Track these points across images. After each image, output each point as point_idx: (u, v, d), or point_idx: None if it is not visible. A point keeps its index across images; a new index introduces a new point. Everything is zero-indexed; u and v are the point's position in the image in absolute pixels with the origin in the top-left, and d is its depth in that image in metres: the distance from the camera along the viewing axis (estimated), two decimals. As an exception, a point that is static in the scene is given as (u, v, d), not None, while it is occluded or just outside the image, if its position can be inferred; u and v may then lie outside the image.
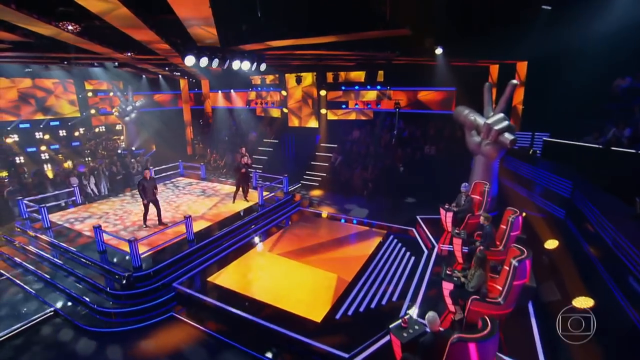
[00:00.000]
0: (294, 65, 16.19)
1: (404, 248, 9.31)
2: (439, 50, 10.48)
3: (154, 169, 14.33)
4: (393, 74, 16.02)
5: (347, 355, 5.64)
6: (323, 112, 17.91)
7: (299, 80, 17.76)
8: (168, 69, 15.91)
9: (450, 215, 8.98)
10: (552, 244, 7.53)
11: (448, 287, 6.07)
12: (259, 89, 20.08)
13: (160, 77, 20.01)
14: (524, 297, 5.85)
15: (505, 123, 8.61)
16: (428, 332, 4.52)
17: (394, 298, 7.23)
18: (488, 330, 4.06)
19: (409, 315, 5.20)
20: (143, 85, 20.04)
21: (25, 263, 9.02)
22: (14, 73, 16.03)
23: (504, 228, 7.24)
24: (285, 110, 19.20)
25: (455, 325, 5.85)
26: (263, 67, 10.68)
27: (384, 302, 7.12)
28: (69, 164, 16.80)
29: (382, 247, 9.47)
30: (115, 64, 14.35)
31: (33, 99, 17.48)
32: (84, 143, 18.93)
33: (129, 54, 9.80)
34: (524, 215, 7.52)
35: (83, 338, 6.74)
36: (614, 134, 8.45)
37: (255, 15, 7.84)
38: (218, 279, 8.11)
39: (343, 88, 17.54)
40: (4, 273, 8.88)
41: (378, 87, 16.79)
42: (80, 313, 7.38)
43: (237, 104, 20.97)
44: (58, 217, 10.81)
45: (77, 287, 7.98)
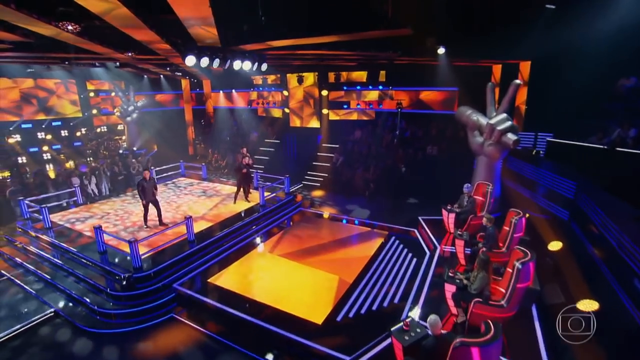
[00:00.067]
0: (296, 65, 16.14)
1: (406, 249, 9.25)
2: (441, 50, 10.39)
3: (155, 169, 14.31)
4: (395, 74, 15.95)
5: (348, 358, 5.58)
6: (325, 112, 17.86)
7: (301, 80, 17.70)
8: (169, 69, 15.90)
9: (453, 216, 8.92)
10: (555, 246, 7.47)
11: (450, 289, 6.00)
12: (261, 89, 20.05)
13: (162, 77, 20.01)
14: (528, 300, 5.78)
15: (508, 123, 8.54)
16: (430, 335, 4.47)
17: (396, 300, 7.17)
18: (491, 335, 4.00)
19: (411, 318, 5.15)
20: (144, 85, 20.07)
21: (26, 263, 9.02)
22: (16, 73, 16.08)
23: (507, 229, 7.19)
24: (287, 111, 19.16)
25: (458, 328, 5.80)
26: (264, 67, 10.64)
27: (386, 303, 7.06)
28: (71, 164, 16.83)
29: (383, 248, 9.41)
30: (117, 64, 14.36)
31: (35, 99, 17.52)
32: (86, 143, 18.95)
33: (130, 54, 9.79)
34: (527, 217, 7.44)
35: (83, 339, 6.73)
36: (619, 135, 8.36)
37: (256, 15, 7.80)
38: (219, 280, 8.07)
39: (345, 88, 17.47)
40: (5, 273, 8.88)
41: (380, 87, 16.72)
42: (81, 314, 7.37)
43: (238, 104, 20.95)
44: (59, 217, 10.80)
45: (77, 287, 7.96)
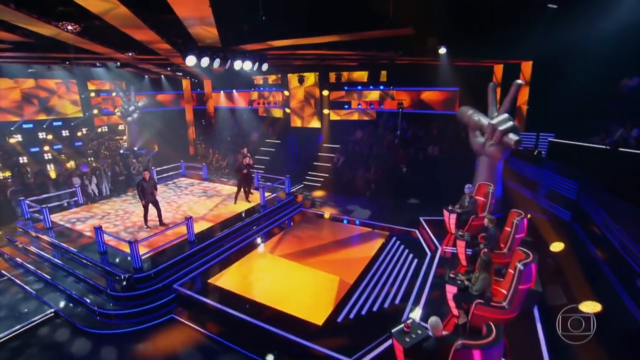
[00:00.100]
0: (296, 65, 16.13)
1: (407, 250, 9.21)
2: (443, 50, 10.35)
3: (156, 169, 14.30)
4: (396, 74, 15.91)
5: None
6: (325, 112, 17.83)
7: (302, 80, 17.68)
8: (170, 69, 15.89)
9: (454, 217, 8.87)
10: (557, 247, 7.43)
11: (452, 290, 5.97)
12: (262, 89, 20.04)
13: (163, 77, 20.03)
14: (530, 301, 5.75)
15: (510, 123, 8.51)
16: (431, 337, 4.43)
17: (397, 301, 7.13)
18: (493, 337, 3.96)
19: (412, 320, 5.11)
20: (145, 85, 20.09)
21: (27, 263, 9.00)
22: (17, 73, 16.13)
23: (509, 230, 7.14)
24: (288, 111, 19.13)
25: (459, 330, 5.76)
26: (265, 67, 10.60)
27: (387, 304, 7.02)
28: (72, 164, 16.84)
29: (384, 248, 9.37)
30: (117, 64, 14.37)
31: (36, 99, 17.54)
32: (87, 143, 18.97)
33: (130, 54, 9.78)
34: (529, 217, 7.40)
35: (83, 339, 6.70)
36: (621, 135, 8.32)
37: (256, 15, 7.78)
38: (219, 281, 8.05)
39: (346, 88, 17.44)
40: (5, 273, 8.87)
41: (381, 87, 16.68)
42: (81, 314, 7.34)
43: (239, 104, 20.94)
44: (60, 217, 10.80)
45: (77, 288, 7.94)
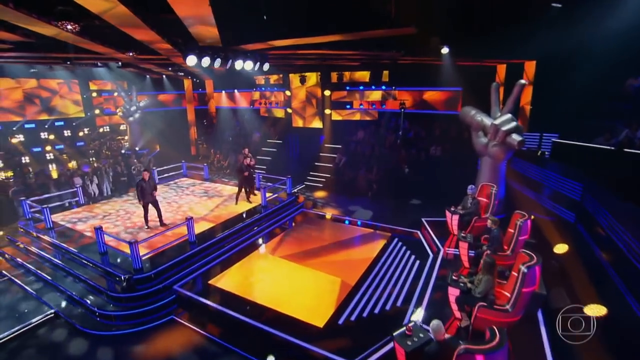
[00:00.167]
0: (298, 65, 16.08)
1: (409, 251, 9.13)
2: (445, 50, 10.26)
3: (157, 169, 14.28)
4: (398, 74, 15.84)
5: (349, 363, 5.49)
6: (327, 112, 17.77)
7: (303, 80, 17.63)
8: (171, 69, 15.89)
9: (456, 218, 8.79)
10: (561, 249, 7.34)
11: (454, 292, 5.89)
12: (263, 89, 20.00)
13: (164, 77, 20.03)
14: (534, 304, 5.65)
15: (513, 124, 8.42)
16: (433, 340, 4.37)
17: (399, 303, 7.06)
18: (497, 342, 3.89)
19: (414, 323, 5.04)
20: (147, 85, 20.10)
21: (27, 264, 8.99)
22: (19, 73, 16.16)
23: (512, 232, 7.06)
24: (289, 111, 19.08)
25: (462, 333, 5.68)
26: (266, 67, 10.55)
27: (388, 306, 6.95)
28: (74, 164, 16.86)
29: (386, 249, 9.29)
30: (119, 64, 14.36)
31: (38, 99, 17.57)
32: (89, 143, 19.01)
33: (131, 54, 9.76)
34: (533, 219, 7.31)
35: (83, 340, 6.67)
36: (627, 135, 8.20)
37: (257, 14, 7.73)
38: (220, 282, 8.00)
39: (347, 88, 17.38)
40: (6, 274, 8.86)
41: (383, 87, 16.60)
42: (81, 315, 7.32)
43: (241, 104, 20.92)
44: (61, 217, 10.78)
45: (78, 288, 7.91)
